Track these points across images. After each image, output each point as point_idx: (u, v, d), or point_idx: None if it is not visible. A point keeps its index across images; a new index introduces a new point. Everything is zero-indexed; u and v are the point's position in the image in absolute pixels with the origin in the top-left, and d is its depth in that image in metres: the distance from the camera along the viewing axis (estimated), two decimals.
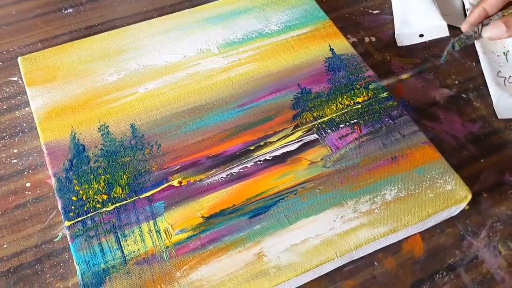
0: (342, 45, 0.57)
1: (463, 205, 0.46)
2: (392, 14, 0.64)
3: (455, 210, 0.46)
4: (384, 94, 0.52)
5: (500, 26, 0.45)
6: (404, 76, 0.56)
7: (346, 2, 0.66)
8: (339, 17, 0.64)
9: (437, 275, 0.44)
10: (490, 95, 0.56)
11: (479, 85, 0.57)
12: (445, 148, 0.51)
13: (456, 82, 0.58)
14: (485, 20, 0.48)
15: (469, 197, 0.45)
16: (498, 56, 0.59)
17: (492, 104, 0.55)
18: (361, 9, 0.65)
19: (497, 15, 0.48)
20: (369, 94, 0.52)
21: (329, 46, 0.57)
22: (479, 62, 0.58)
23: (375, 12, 0.65)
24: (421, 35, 0.61)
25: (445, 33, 0.60)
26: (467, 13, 0.62)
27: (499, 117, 0.54)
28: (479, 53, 0.59)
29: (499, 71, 0.57)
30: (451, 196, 0.45)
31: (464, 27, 0.48)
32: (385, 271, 0.44)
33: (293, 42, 0.57)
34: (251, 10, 0.60)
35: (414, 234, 0.46)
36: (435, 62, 0.59)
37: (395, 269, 0.44)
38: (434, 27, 0.60)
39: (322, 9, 0.60)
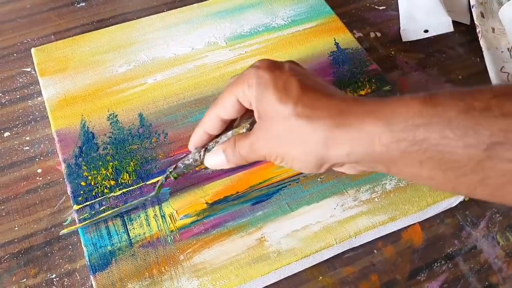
0: (347, 39, 0.58)
1: (462, 196, 0.46)
2: (398, 10, 0.65)
3: (454, 201, 0.47)
4: (387, 88, 0.53)
5: (219, 155, 0.39)
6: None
7: None
8: (345, 12, 0.65)
9: (435, 264, 0.45)
10: None
11: (483, 80, 0.58)
12: None
13: (460, 77, 0.58)
14: (210, 143, 0.41)
15: None
16: (502, 52, 0.59)
17: None
18: (367, 5, 0.66)
19: (225, 135, 0.40)
20: (372, 87, 0.53)
21: (334, 40, 0.58)
22: (483, 57, 0.59)
23: (381, 8, 0.66)
24: (426, 31, 0.62)
25: (450, 28, 0.61)
26: (472, 10, 0.63)
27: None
28: (483, 49, 0.59)
29: (503, 66, 0.58)
30: None
31: (189, 147, 0.42)
32: (384, 259, 0.45)
33: (299, 36, 0.58)
34: (258, 4, 0.61)
35: (414, 224, 0.47)
36: (438, 57, 0.60)
37: (394, 257, 0.45)
38: (439, 23, 0.61)
39: (328, 5, 0.61)
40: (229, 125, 0.41)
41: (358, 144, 0.32)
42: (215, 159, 0.40)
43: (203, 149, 0.41)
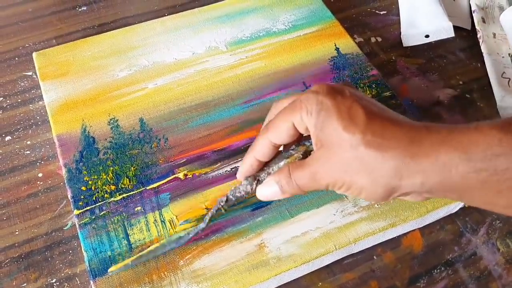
0: (348, 44, 0.58)
1: (462, 203, 0.46)
2: (399, 15, 0.65)
3: (454, 207, 0.47)
4: (388, 93, 0.53)
5: (272, 186, 0.37)
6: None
7: (353, 3, 0.67)
8: (346, 17, 0.65)
9: (435, 270, 0.45)
10: (494, 96, 0.56)
11: (483, 85, 0.58)
12: None
13: (461, 82, 0.58)
14: (261, 174, 0.39)
15: None
16: (503, 57, 0.59)
17: (496, 104, 0.56)
18: (368, 9, 0.66)
19: (275, 165, 0.38)
20: (373, 93, 0.53)
21: (335, 45, 0.58)
22: (484, 63, 0.59)
23: (382, 12, 0.66)
24: (427, 36, 0.62)
25: (451, 34, 0.61)
26: (473, 15, 0.63)
27: (502, 118, 0.55)
28: (484, 54, 0.59)
29: (504, 72, 0.58)
30: None
31: (238, 176, 0.40)
32: (383, 265, 0.45)
33: (299, 41, 0.58)
34: (259, 9, 0.61)
35: (414, 230, 0.47)
36: (439, 62, 0.60)
37: (394, 264, 0.45)
38: (440, 28, 0.61)
39: (329, 10, 0.62)
40: (277, 153, 0.39)
41: (433, 174, 0.31)
42: (268, 191, 0.38)
43: (255, 180, 0.39)
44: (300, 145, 0.38)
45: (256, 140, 0.38)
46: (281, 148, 0.40)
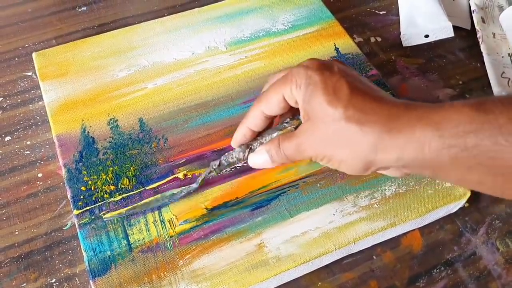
0: (347, 44, 0.58)
1: (462, 202, 0.46)
2: (398, 15, 0.65)
3: (454, 207, 0.47)
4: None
5: (263, 154, 0.39)
6: None
7: (353, 3, 0.67)
8: (346, 17, 0.65)
9: (435, 270, 0.45)
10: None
11: (483, 85, 0.58)
12: None
13: (460, 82, 0.58)
14: (254, 143, 0.41)
15: (468, 194, 0.46)
16: (502, 57, 0.59)
17: None
18: (368, 9, 0.66)
19: (269, 135, 0.40)
20: None
21: (334, 45, 0.58)
22: (484, 63, 0.59)
23: (381, 12, 0.66)
24: (427, 36, 0.62)
25: (450, 33, 0.61)
26: (473, 15, 0.63)
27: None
28: (483, 54, 0.59)
29: (503, 72, 0.58)
30: (450, 193, 0.46)
31: (233, 144, 0.42)
32: (383, 265, 0.45)
33: (299, 41, 0.58)
34: (258, 9, 0.62)
35: (413, 230, 0.47)
36: (439, 62, 0.60)
37: (393, 263, 0.45)
38: (440, 28, 0.61)
39: (329, 10, 0.62)
40: (270, 124, 0.41)
41: (407, 150, 0.32)
42: (259, 159, 0.40)
43: (248, 148, 0.41)
44: (294, 119, 0.40)
45: (249, 111, 0.40)
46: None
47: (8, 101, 0.55)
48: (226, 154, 0.42)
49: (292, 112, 0.40)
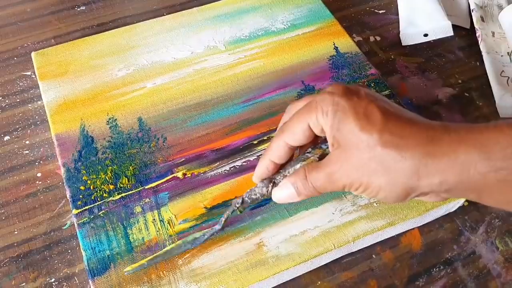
0: (347, 43, 0.58)
1: (461, 201, 0.46)
2: (397, 14, 0.65)
3: (453, 206, 0.46)
4: (386, 92, 0.53)
5: (288, 188, 0.37)
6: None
7: (352, 2, 0.67)
8: (345, 16, 0.65)
9: (434, 269, 0.45)
10: (493, 95, 0.56)
11: (482, 84, 0.58)
12: None
13: (460, 81, 0.58)
14: (277, 176, 0.38)
15: None
16: (502, 56, 0.59)
17: (495, 103, 0.56)
18: (367, 9, 0.66)
19: (291, 167, 0.38)
20: None
21: (334, 44, 0.58)
22: (483, 61, 0.59)
23: (381, 12, 0.66)
24: (426, 35, 0.62)
25: (450, 32, 0.61)
26: (472, 14, 0.63)
27: (501, 116, 0.55)
28: (483, 53, 0.59)
29: (503, 70, 0.58)
30: None
31: (254, 179, 0.40)
32: (382, 264, 0.45)
33: (298, 40, 0.58)
34: (258, 8, 0.61)
35: (413, 229, 0.47)
36: (438, 61, 0.60)
37: (393, 262, 0.45)
38: (439, 27, 0.61)
39: (328, 9, 0.62)
40: (292, 156, 0.39)
41: (451, 173, 0.31)
42: (284, 193, 0.37)
43: (271, 183, 0.38)
44: (316, 148, 0.38)
45: (271, 142, 0.38)
46: (297, 152, 0.39)
47: (7, 101, 0.55)
48: (249, 191, 0.39)
49: (313, 143, 0.38)
